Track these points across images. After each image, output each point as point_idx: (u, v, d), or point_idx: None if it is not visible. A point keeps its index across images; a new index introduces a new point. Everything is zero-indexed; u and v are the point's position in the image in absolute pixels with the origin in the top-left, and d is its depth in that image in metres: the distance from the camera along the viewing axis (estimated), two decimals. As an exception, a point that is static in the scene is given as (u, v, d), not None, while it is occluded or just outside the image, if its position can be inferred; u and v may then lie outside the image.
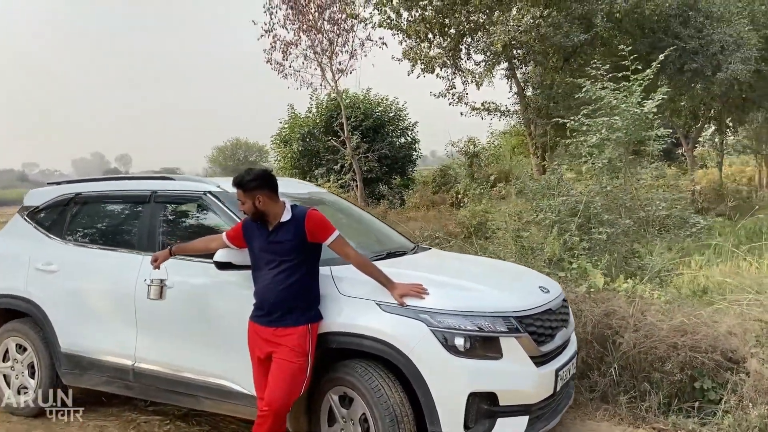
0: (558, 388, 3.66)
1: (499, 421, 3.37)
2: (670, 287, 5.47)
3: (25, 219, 5.09)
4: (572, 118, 6.95)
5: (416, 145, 23.28)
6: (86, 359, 4.49)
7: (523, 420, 3.43)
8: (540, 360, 3.53)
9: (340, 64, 17.83)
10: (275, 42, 17.53)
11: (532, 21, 11.42)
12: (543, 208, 6.22)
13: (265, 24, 17.18)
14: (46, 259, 4.73)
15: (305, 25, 17.03)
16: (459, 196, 16.09)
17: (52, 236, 4.85)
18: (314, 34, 17.12)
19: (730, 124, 28.04)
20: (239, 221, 4.04)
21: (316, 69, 17.61)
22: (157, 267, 3.91)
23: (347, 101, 20.89)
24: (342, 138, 18.77)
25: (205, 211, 4.37)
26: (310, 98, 22.08)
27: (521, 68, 13.47)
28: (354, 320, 3.52)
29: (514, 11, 11.74)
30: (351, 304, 3.56)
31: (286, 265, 3.48)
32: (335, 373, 3.61)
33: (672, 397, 4.59)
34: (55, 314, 4.60)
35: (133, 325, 4.27)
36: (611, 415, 4.53)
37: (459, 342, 3.33)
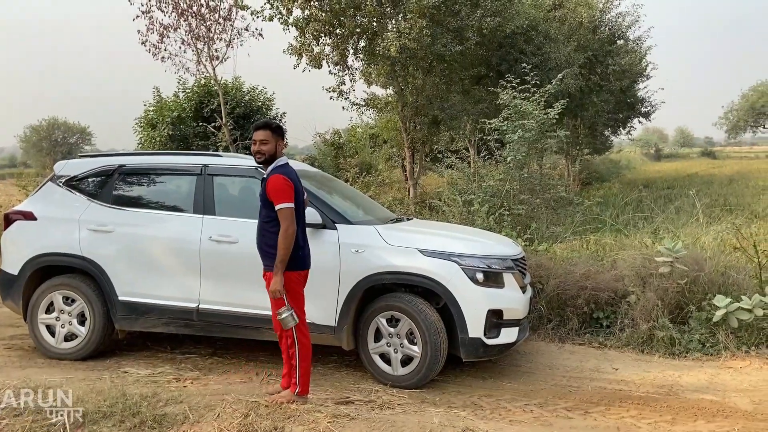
0: (529, 311, 5.31)
1: (503, 330, 4.91)
2: (574, 248, 7.43)
3: (61, 186, 5.65)
4: (490, 121, 8.77)
5: (283, 134, 24.17)
6: (145, 305, 5.29)
7: (515, 330, 5.01)
8: (522, 290, 5.14)
9: (216, 51, 18.31)
10: (152, 24, 17.55)
11: (419, 31, 13.13)
12: (473, 191, 7.91)
13: (142, 5, 17.14)
14: (99, 221, 5.40)
15: (180, 9, 17.23)
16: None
17: (99, 202, 5.51)
18: (191, 18, 17.38)
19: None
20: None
21: (194, 54, 17.91)
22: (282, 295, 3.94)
23: (215, 88, 21.22)
24: (215, 124, 19.18)
25: (254, 182, 5.37)
26: (178, 83, 22.11)
27: (403, 71, 15.15)
28: (406, 263, 4.83)
29: (403, 23, 13.38)
30: (400, 252, 4.87)
31: (260, 216, 4.09)
32: (384, 302, 4.89)
33: (578, 325, 6.47)
34: (113, 268, 5.31)
35: (196, 274, 5.18)
36: (542, 338, 6.30)
37: (479, 276, 4.81)
